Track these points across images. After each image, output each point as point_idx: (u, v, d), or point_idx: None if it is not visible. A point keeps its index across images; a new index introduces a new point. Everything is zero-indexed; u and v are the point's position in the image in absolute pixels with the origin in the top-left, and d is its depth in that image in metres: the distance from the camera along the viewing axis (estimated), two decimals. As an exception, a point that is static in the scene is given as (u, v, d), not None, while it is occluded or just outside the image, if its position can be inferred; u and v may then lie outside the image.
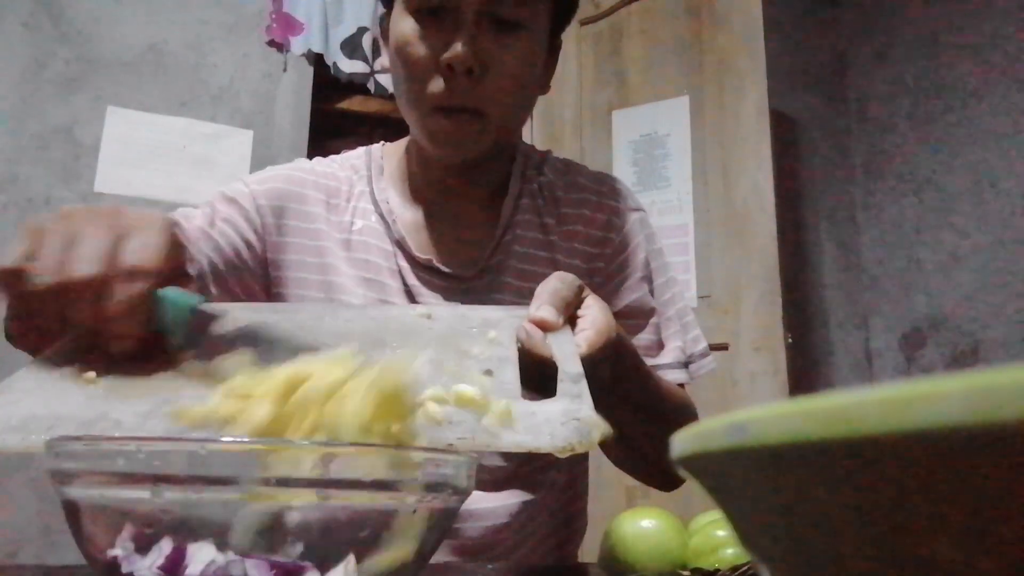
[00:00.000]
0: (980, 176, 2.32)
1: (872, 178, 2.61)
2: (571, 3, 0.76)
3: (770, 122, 2.06)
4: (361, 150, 0.83)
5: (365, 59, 2.27)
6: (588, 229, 0.79)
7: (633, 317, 0.77)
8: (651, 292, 0.79)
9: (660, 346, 0.78)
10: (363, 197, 0.78)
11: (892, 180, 2.55)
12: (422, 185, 0.79)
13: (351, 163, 0.82)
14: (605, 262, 0.78)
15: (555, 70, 0.80)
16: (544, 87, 0.78)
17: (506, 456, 0.76)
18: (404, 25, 0.69)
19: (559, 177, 0.82)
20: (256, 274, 0.75)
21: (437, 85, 0.67)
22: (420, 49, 0.67)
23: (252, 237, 0.74)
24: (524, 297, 0.74)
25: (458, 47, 0.65)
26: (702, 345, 0.81)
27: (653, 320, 0.78)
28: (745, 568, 0.51)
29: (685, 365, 0.78)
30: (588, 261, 0.78)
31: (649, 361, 0.73)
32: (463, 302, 0.73)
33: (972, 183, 2.34)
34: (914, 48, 2.53)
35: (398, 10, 0.70)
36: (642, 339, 0.77)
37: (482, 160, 0.74)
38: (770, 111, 2.07)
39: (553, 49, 0.77)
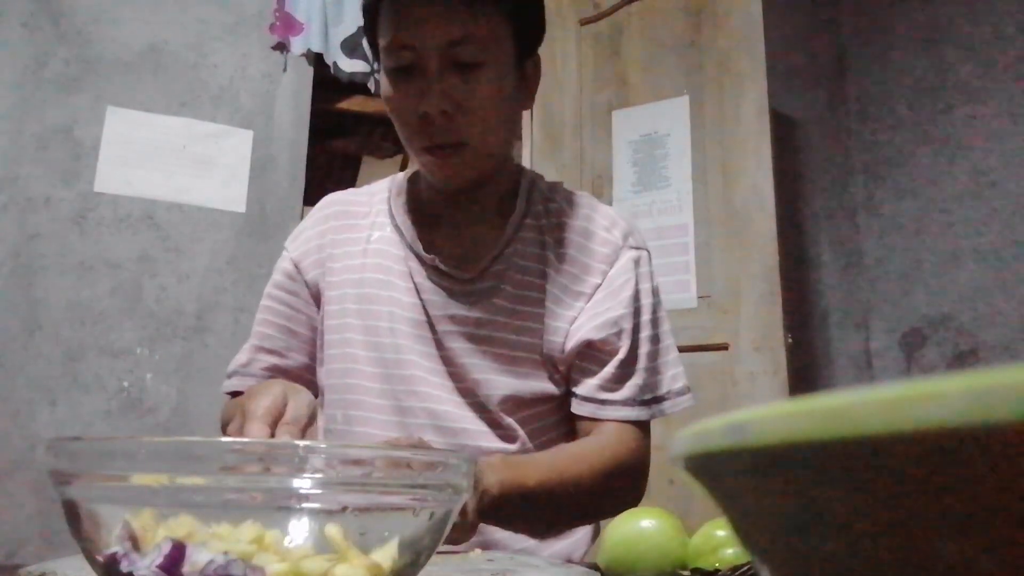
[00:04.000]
0: (980, 176, 2.32)
1: (872, 178, 2.61)
2: (534, 29, 0.84)
3: (770, 122, 2.06)
4: (388, 178, 0.95)
5: (365, 58, 2.27)
6: (583, 256, 0.86)
7: (598, 350, 0.83)
8: (633, 328, 0.84)
9: (620, 380, 0.83)
10: (381, 214, 0.90)
11: (892, 180, 2.55)
12: (432, 203, 0.89)
13: (375, 189, 0.94)
14: (591, 288, 0.85)
15: (537, 85, 0.87)
16: (525, 103, 0.86)
17: (508, 439, 0.82)
18: (385, 85, 0.80)
19: (570, 207, 0.90)
20: (313, 309, 0.89)
21: (420, 130, 0.78)
22: (400, 104, 0.79)
23: (297, 288, 0.90)
24: (516, 302, 0.83)
25: (429, 98, 0.75)
26: (680, 384, 0.87)
27: (619, 358, 0.83)
28: (745, 568, 0.51)
29: (647, 402, 0.84)
30: (576, 283, 0.85)
31: (603, 395, 0.82)
32: (461, 299, 0.83)
33: (972, 183, 2.33)
34: (914, 48, 2.52)
35: (382, 71, 0.80)
36: (604, 373, 0.83)
37: (480, 181, 0.84)
38: (770, 111, 2.07)
39: (525, 69, 0.84)
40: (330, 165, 3.28)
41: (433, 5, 0.74)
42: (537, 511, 0.73)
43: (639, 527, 0.57)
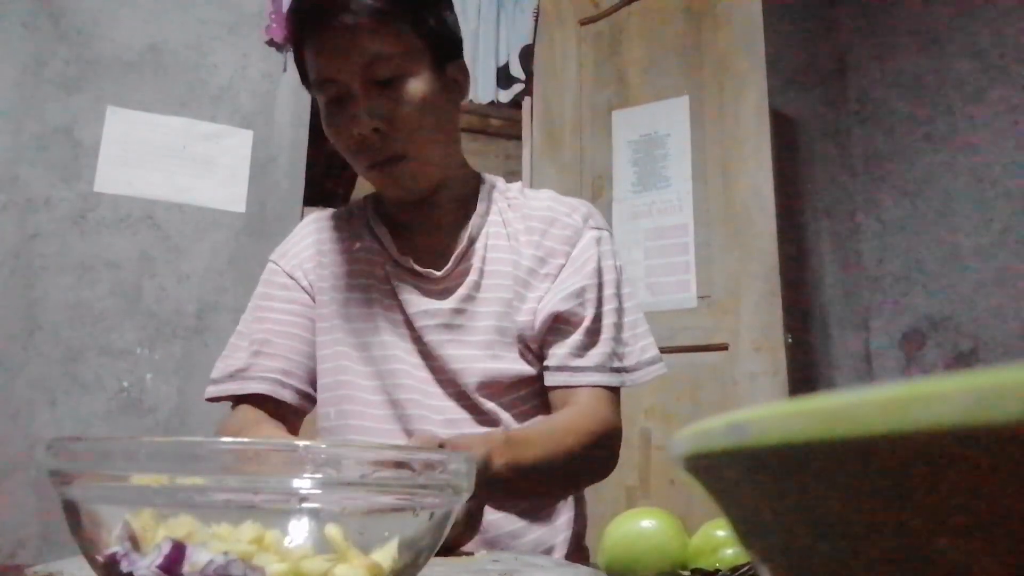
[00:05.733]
0: (980, 176, 2.32)
1: (872, 178, 2.61)
2: (447, 38, 0.87)
3: (770, 122, 2.06)
4: (363, 196, 1.00)
5: (365, 59, 2.27)
6: (547, 241, 0.91)
7: (565, 321, 0.87)
8: (598, 299, 0.89)
9: (587, 347, 0.87)
10: (362, 226, 0.95)
11: (892, 180, 2.55)
12: (400, 213, 0.94)
13: (352, 207, 0.99)
14: (556, 269, 0.90)
15: (467, 87, 0.91)
16: (457, 105, 0.90)
17: (492, 425, 0.85)
18: (323, 118, 0.85)
19: (532, 200, 0.94)
20: (310, 305, 0.92)
21: (360, 151, 0.83)
22: (337, 132, 0.84)
23: (295, 295, 0.93)
24: (486, 291, 0.88)
25: (359, 120, 0.81)
26: (650, 354, 0.91)
27: (585, 326, 0.87)
28: (745, 568, 0.51)
29: (617, 370, 0.88)
30: (541, 266, 0.89)
31: (574, 362, 0.86)
32: (434, 295, 0.88)
33: (972, 183, 2.33)
34: (914, 48, 2.52)
35: (319, 105, 0.86)
36: (571, 340, 0.87)
37: (433, 188, 0.89)
38: (770, 111, 2.07)
39: (448, 74, 0.87)
40: (330, 165, 3.28)
41: (343, 33, 0.80)
42: (536, 479, 0.77)
43: (639, 527, 0.57)
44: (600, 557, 0.58)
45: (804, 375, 2.35)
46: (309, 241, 0.96)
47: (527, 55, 2.37)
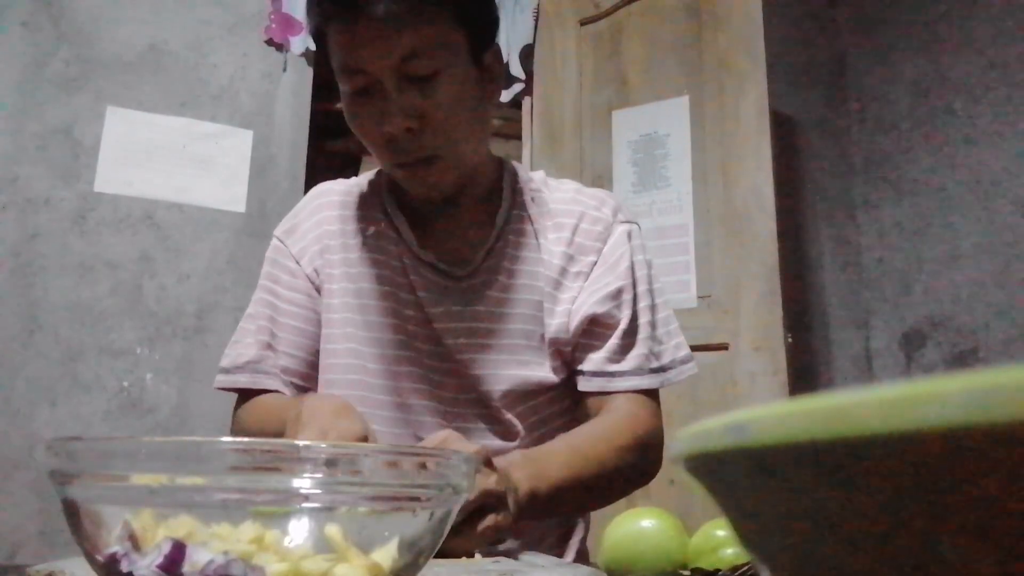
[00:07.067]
0: (980, 176, 2.32)
1: (872, 178, 2.61)
2: (486, 23, 0.80)
3: (770, 122, 2.06)
4: (375, 170, 0.93)
5: (365, 59, 2.26)
6: (576, 237, 0.86)
7: (602, 324, 0.83)
8: (633, 298, 0.85)
9: (625, 350, 0.83)
10: (375, 207, 0.88)
11: (892, 180, 2.55)
12: (420, 203, 0.87)
13: (362, 181, 0.92)
14: (588, 267, 0.85)
15: (501, 73, 0.85)
16: (492, 96, 0.84)
17: (508, 436, 0.82)
18: (346, 107, 0.78)
19: (556, 192, 0.90)
20: (318, 302, 0.87)
21: (388, 148, 0.77)
22: (364, 125, 0.77)
23: (301, 284, 0.87)
24: (514, 292, 0.84)
25: (390, 118, 0.74)
26: (683, 352, 0.87)
27: (621, 328, 0.83)
28: (745, 568, 0.51)
29: (655, 371, 0.84)
30: (572, 264, 0.85)
31: (611, 368, 0.82)
32: (457, 296, 0.83)
33: (972, 183, 2.33)
34: (914, 48, 2.52)
35: (341, 94, 0.79)
36: (609, 345, 0.83)
37: (460, 185, 0.83)
38: (770, 111, 2.07)
39: (484, 62, 0.81)
40: (330, 165, 3.28)
41: (378, 25, 0.72)
42: (566, 498, 0.73)
43: (639, 527, 0.57)
44: (600, 557, 0.58)
45: (804, 375, 2.35)
46: (316, 219, 0.89)
47: (527, 55, 2.36)
